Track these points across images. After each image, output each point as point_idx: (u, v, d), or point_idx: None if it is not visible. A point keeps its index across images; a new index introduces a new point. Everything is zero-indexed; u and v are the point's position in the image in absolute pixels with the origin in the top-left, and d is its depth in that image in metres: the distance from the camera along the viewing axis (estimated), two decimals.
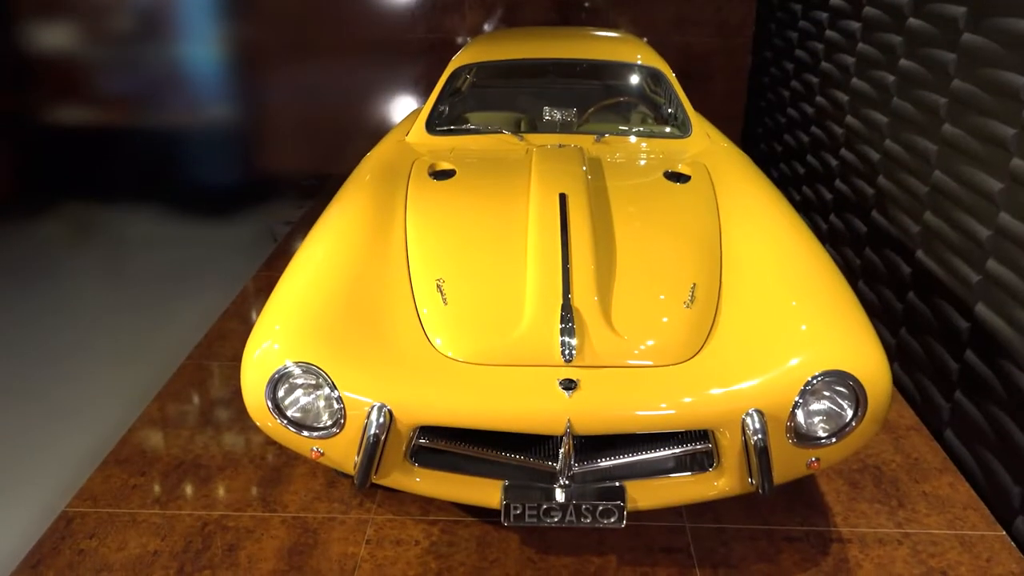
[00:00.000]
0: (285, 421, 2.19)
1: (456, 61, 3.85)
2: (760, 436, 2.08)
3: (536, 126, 3.64)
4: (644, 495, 2.26)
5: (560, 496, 2.17)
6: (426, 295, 2.43)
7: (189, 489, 2.78)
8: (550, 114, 3.64)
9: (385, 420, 2.11)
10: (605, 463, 2.23)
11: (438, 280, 2.47)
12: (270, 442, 3.02)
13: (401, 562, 2.46)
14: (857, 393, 2.13)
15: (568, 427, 2.08)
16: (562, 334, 2.20)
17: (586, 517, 2.19)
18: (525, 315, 2.30)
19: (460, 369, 2.21)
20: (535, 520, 2.20)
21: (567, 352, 2.18)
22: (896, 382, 3.40)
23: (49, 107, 6.00)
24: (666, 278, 2.50)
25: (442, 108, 3.73)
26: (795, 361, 2.16)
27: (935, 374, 3.18)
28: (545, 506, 2.18)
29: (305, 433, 2.20)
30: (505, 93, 4.03)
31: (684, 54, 6.02)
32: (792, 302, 2.37)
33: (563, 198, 2.69)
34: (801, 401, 2.12)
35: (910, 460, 2.98)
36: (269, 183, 6.38)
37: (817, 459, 2.21)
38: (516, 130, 3.57)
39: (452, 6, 6.09)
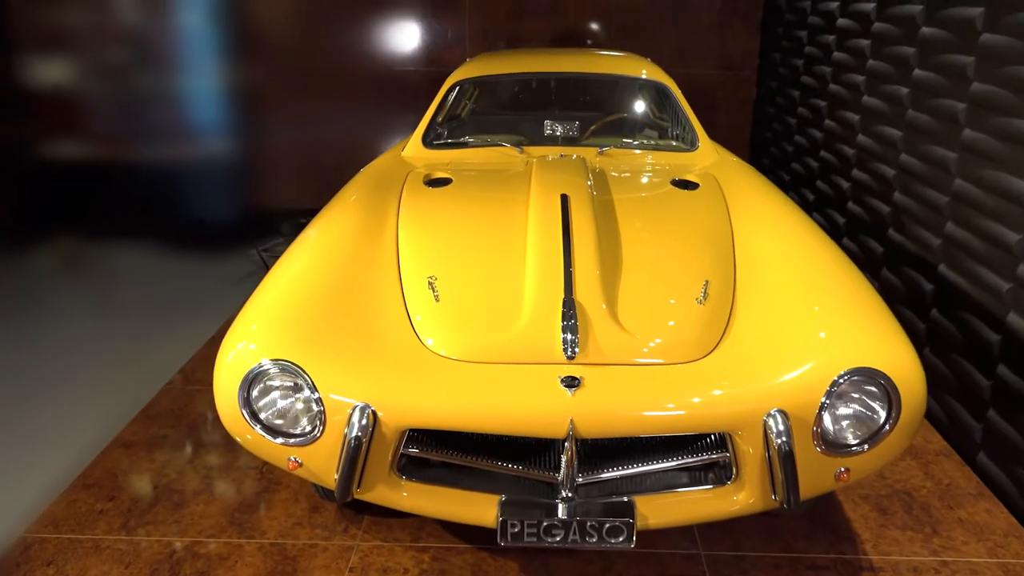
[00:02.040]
0: (259, 426, 1.99)
1: (455, 76, 3.72)
2: (784, 439, 1.86)
3: (537, 141, 3.47)
4: (655, 512, 2.04)
5: (562, 512, 1.95)
6: (416, 293, 2.25)
7: (160, 514, 2.56)
8: (551, 128, 3.48)
9: (368, 422, 1.90)
10: (611, 474, 2.01)
11: (430, 277, 2.28)
12: (250, 465, 2.81)
13: None
14: (889, 393, 1.92)
15: (571, 428, 1.87)
16: (564, 330, 2.01)
17: (591, 536, 1.96)
18: (523, 311, 2.11)
19: (452, 367, 2.01)
20: (535, 539, 1.97)
21: (569, 348, 1.98)
22: None
23: (44, 141, 5.93)
24: (677, 274, 2.32)
25: (439, 122, 3.58)
26: (819, 359, 1.96)
27: (964, 394, 2.96)
28: (546, 523, 1.95)
29: (281, 440, 1.99)
30: (505, 108, 3.91)
31: (687, 86, 5.87)
32: (812, 298, 2.18)
33: (564, 199, 2.53)
34: (828, 402, 1.92)
35: (941, 486, 2.75)
36: (264, 219, 6.25)
37: (847, 469, 1.99)
38: (516, 144, 3.42)
39: (453, 41, 6.05)
